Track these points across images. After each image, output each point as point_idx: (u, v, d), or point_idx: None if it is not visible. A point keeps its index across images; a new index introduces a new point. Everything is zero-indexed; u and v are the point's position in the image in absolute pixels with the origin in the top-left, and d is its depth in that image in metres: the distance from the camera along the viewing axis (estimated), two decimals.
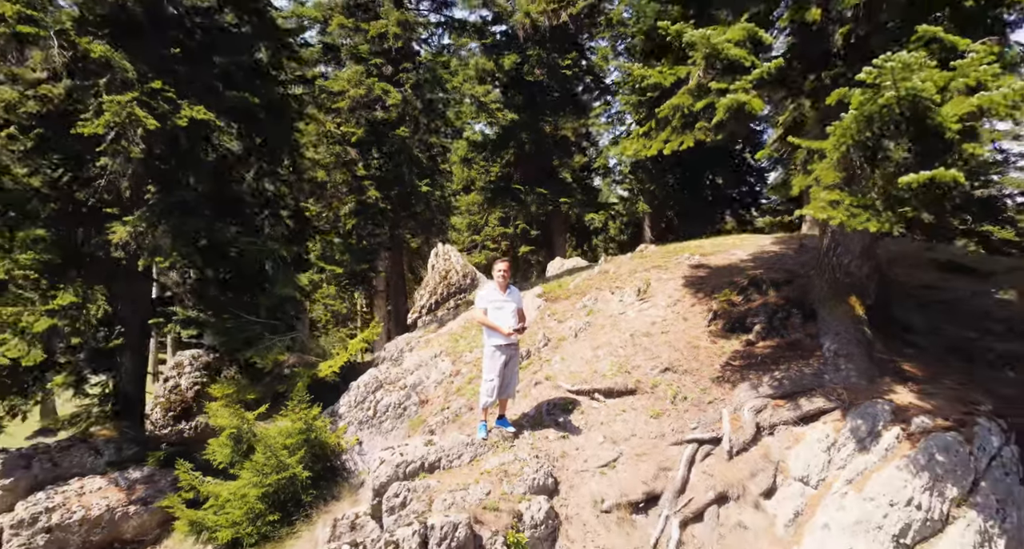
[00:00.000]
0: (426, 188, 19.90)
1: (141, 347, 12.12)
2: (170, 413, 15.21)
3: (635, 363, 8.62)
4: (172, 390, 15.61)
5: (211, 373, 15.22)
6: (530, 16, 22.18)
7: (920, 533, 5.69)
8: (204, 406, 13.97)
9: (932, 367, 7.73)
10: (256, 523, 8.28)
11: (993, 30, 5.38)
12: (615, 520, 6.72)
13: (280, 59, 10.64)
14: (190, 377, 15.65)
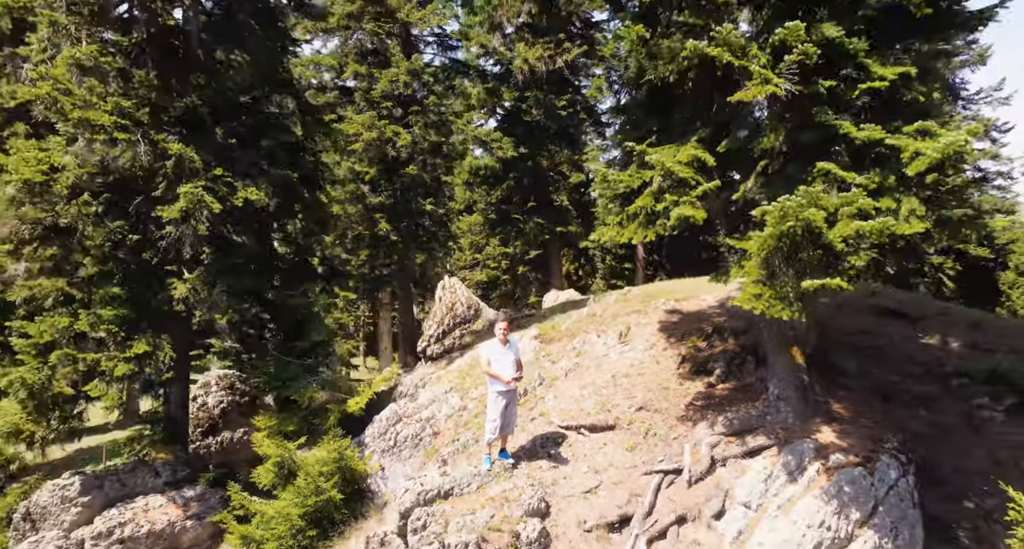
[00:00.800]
0: (430, 207, 21.55)
1: (185, 377, 13.63)
2: (199, 429, 16.65)
3: (615, 402, 10.13)
4: (200, 408, 17.05)
5: (235, 393, 16.68)
6: (528, 62, 23.67)
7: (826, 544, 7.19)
8: (230, 422, 15.49)
9: (857, 407, 9.22)
10: (297, 537, 9.77)
11: (879, 161, 6.86)
12: (595, 538, 8.21)
13: (313, 134, 12.16)
14: (216, 396, 17.10)
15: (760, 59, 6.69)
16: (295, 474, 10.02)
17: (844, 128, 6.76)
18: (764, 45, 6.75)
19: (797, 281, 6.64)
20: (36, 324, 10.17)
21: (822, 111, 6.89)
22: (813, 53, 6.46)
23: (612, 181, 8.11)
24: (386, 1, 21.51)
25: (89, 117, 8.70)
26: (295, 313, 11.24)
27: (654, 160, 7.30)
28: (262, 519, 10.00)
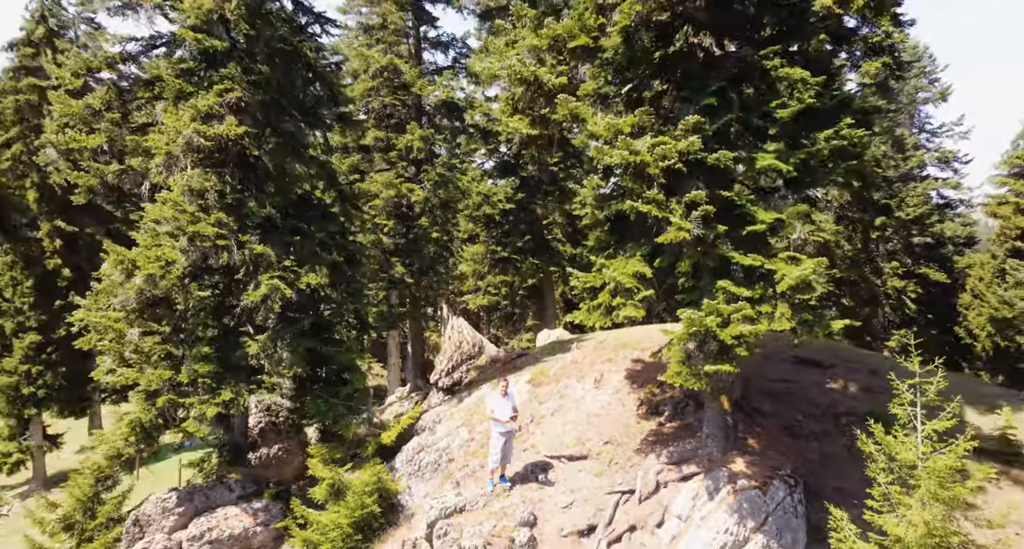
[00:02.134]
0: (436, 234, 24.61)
1: (246, 409, 16.39)
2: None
3: (588, 436, 12.93)
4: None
5: (271, 414, 19.39)
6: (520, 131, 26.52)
7: (733, 547, 9.97)
8: (267, 440, 18.21)
9: (766, 442, 12.01)
10: (346, 541, 12.51)
11: (761, 279, 9.66)
12: (570, 542, 10.98)
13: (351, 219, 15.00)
14: (255, 417, 19.82)
15: (677, 211, 9.54)
16: (343, 492, 12.78)
17: (736, 257, 9.61)
18: (680, 202, 9.58)
19: (703, 363, 9.48)
20: (146, 375, 13.00)
21: (721, 243, 9.74)
22: (711, 210, 9.32)
23: (581, 280, 10.96)
24: (402, 77, 24.39)
25: (199, 230, 11.56)
26: (339, 364, 14.07)
27: (607, 276, 10.16)
28: (318, 526, 12.76)
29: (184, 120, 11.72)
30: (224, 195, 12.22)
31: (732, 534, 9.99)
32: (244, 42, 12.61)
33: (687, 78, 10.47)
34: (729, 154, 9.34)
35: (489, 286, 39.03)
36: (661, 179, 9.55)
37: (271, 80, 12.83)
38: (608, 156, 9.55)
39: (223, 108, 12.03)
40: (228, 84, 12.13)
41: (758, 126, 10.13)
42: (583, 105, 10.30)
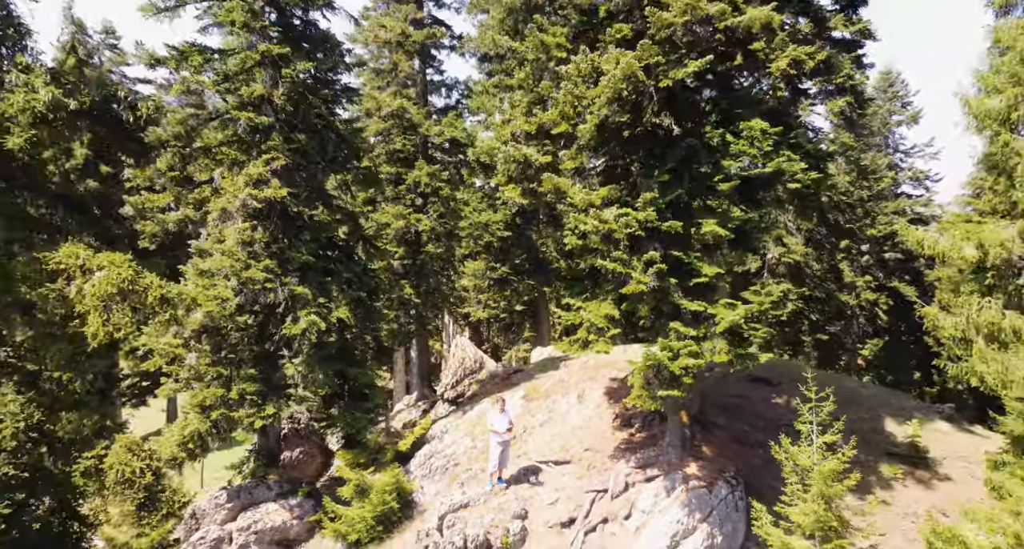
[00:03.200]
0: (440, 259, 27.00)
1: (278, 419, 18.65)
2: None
3: (571, 445, 15.22)
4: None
5: (294, 422, 21.65)
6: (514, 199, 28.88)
7: (683, 535, 12.21)
8: (290, 444, 20.45)
9: (718, 449, 14.31)
10: (370, 531, 14.76)
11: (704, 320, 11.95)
12: (555, 532, 13.25)
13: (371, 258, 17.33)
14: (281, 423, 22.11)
15: (637, 267, 11.85)
16: (367, 491, 15.04)
17: (684, 304, 11.92)
18: (640, 260, 11.88)
19: (658, 389, 11.79)
20: (200, 393, 15.27)
21: (673, 292, 12.05)
22: (663, 267, 11.63)
23: (563, 319, 13.26)
24: (411, 119, 26.71)
25: (251, 275, 13.89)
26: (362, 382, 16.38)
27: (583, 316, 12.47)
28: (347, 520, 15.01)
29: (239, 185, 14.05)
30: (269, 245, 14.54)
31: (683, 524, 12.28)
32: (286, 117, 14.96)
33: (649, 156, 12.80)
34: (677, 224, 11.65)
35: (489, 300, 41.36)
36: (625, 241, 11.86)
37: (307, 148, 15.17)
38: (583, 223, 11.87)
39: (269, 174, 14.36)
40: (273, 153, 14.46)
41: (704, 198, 12.47)
42: (564, 180, 12.64)
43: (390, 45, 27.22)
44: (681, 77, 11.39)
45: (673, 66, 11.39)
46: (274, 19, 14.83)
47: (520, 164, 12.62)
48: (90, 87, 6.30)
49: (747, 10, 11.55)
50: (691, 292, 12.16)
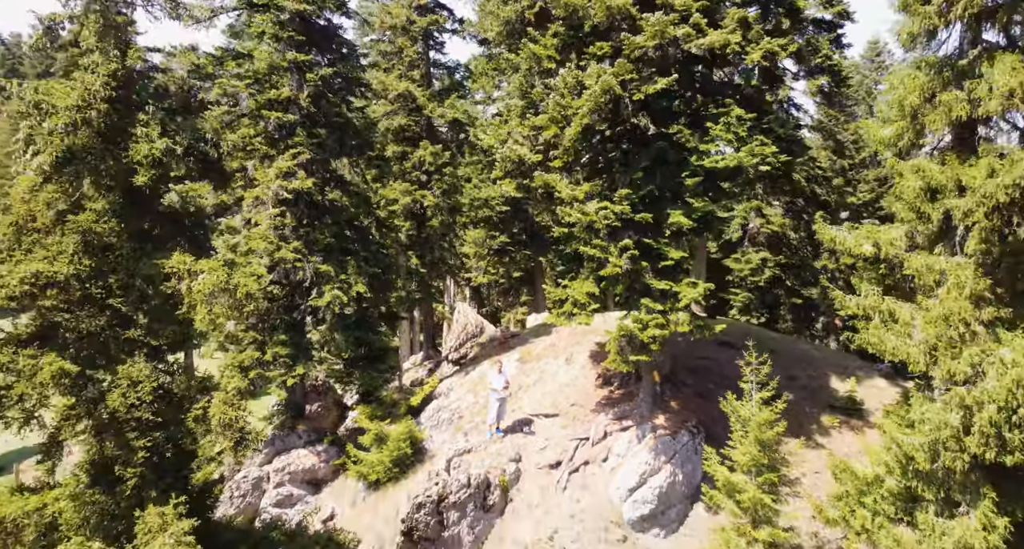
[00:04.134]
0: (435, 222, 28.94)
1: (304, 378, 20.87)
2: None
3: (559, 400, 17.42)
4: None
5: (312, 380, 23.93)
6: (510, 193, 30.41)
7: (649, 473, 14.48)
8: (309, 399, 22.74)
9: (684, 404, 16.50)
10: (387, 472, 17.10)
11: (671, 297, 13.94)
12: (544, 472, 15.54)
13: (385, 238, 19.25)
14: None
15: (614, 253, 13.78)
16: (384, 439, 17.31)
17: (653, 283, 13.91)
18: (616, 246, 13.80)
19: (630, 354, 13.88)
20: (237, 355, 17.39)
21: (644, 274, 14.02)
22: (636, 253, 13.58)
23: (552, 294, 15.29)
24: (416, 101, 28.21)
25: (282, 255, 15.85)
26: (378, 347, 18.52)
27: (568, 293, 14.49)
28: (367, 463, 17.32)
29: (270, 176, 15.89)
30: (297, 228, 16.46)
31: (650, 465, 14.54)
32: (309, 115, 16.69)
33: (625, 155, 14.63)
34: (648, 215, 13.57)
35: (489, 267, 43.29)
36: (604, 230, 13.79)
37: (328, 141, 16.95)
38: (569, 215, 13.78)
39: (296, 167, 16.18)
40: (299, 148, 16.26)
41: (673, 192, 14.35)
42: (553, 176, 14.47)
43: (395, 30, 28.54)
44: (652, 91, 13.11)
45: (645, 82, 13.12)
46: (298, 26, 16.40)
47: (515, 162, 14.41)
48: (186, 133, 7.63)
49: (709, 32, 13.21)
50: (660, 273, 14.12)
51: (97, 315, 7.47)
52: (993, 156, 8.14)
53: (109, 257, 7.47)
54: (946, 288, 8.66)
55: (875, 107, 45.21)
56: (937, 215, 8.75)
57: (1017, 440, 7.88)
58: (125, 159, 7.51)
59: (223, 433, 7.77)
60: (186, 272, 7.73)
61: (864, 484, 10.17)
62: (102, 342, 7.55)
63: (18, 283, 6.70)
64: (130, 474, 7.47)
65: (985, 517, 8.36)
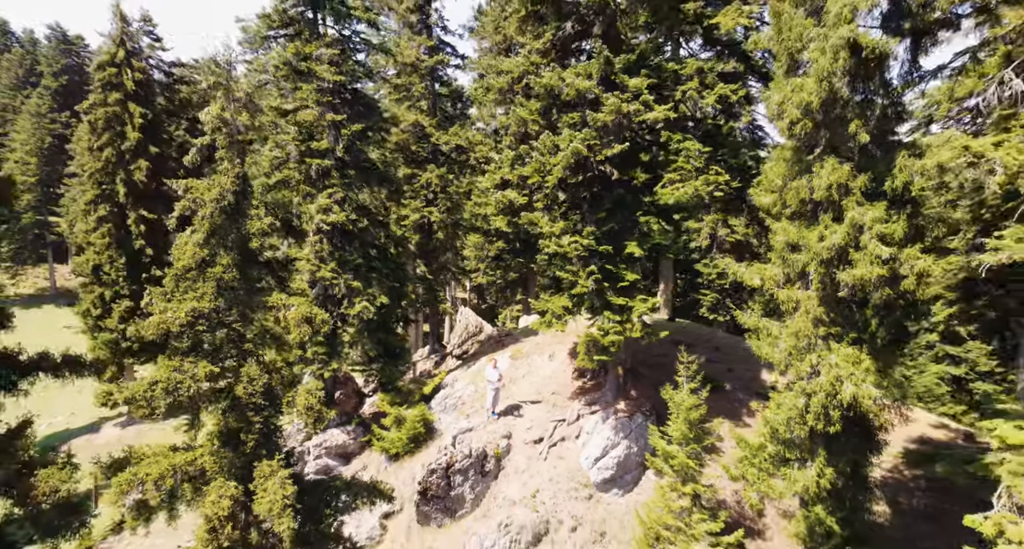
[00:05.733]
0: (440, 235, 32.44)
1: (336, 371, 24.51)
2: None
3: (543, 389, 21.08)
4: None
5: (337, 372, 27.58)
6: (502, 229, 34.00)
7: (610, 447, 18.17)
8: (337, 387, 26.42)
9: (641, 392, 20.17)
10: (405, 447, 20.80)
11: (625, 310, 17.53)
12: (529, 446, 19.23)
13: (401, 256, 22.84)
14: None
15: (583, 276, 17.36)
16: (403, 421, 21.00)
17: (614, 300, 17.51)
18: (584, 271, 17.37)
19: (595, 355, 17.53)
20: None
21: (607, 292, 17.61)
22: (599, 276, 17.17)
23: (536, 306, 18.92)
24: (424, 130, 31.74)
25: (322, 274, 19.46)
26: (395, 346, 22.19)
27: (548, 306, 18.10)
28: (389, 440, 21.01)
29: (312, 211, 19.48)
30: (332, 252, 20.08)
31: (611, 440, 18.22)
32: (342, 161, 20.26)
33: (593, 198, 18.20)
34: (609, 247, 17.17)
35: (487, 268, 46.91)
36: (575, 259, 17.40)
37: (356, 181, 20.54)
38: (548, 247, 17.38)
39: (332, 203, 19.77)
40: (335, 188, 19.85)
41: (630, 227, 17.92)
42: (537, 214, 18.05)
43: (407, 68, 32.05)
44: (611, 154, 16.66)
45: (606, 147, 16.68)
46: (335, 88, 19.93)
47: (506, 205, 18.00)
48: (280, 209, 10.47)
49: (656, 108, 16.72)
50: (618, 291, 17.71)
51: (227, 334, 11.04)
52: (823, 226, 11.73)
53: (233, 296, 11.05)
54: (799, 313, 12.30)
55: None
56: (794, 262, 12.38)
57: (836, 416, 11.53)
58: (244, 230, 11.08)
59: (306, 414, 11.37)
60: (282, 305, 11.33)
61: (753, 450, 13.85)
62: (229, 352, 11.13)
63: (184, 316, 10.27)
64: (249, 439, 11.12)
65: (819, 468, 12.05)
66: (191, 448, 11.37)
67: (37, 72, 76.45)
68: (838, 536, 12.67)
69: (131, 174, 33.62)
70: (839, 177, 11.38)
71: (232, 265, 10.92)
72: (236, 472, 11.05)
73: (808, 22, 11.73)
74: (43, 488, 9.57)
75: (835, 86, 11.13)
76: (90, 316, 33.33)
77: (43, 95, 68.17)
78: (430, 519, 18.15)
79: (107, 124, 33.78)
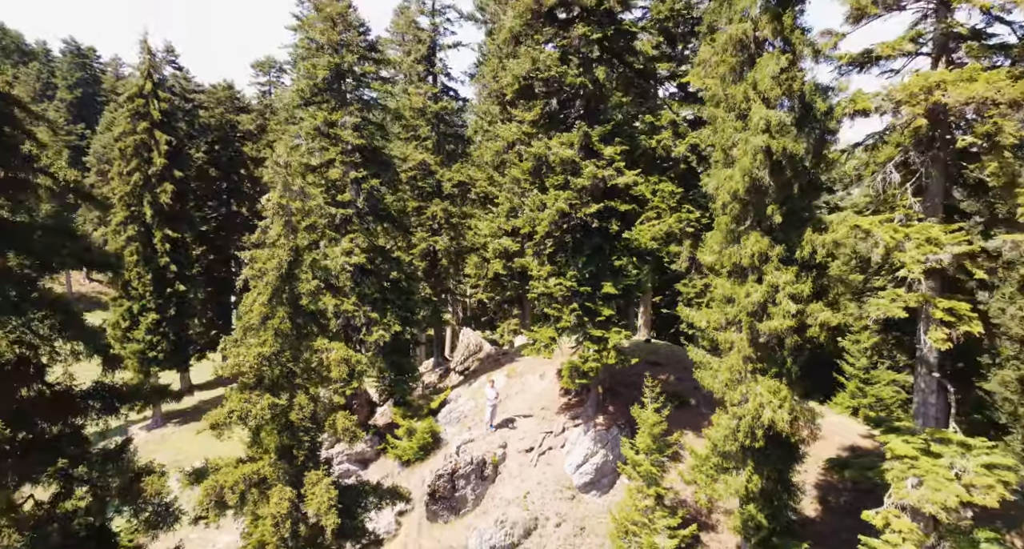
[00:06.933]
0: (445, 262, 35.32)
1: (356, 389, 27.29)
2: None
3: (534, 405, 23.89)
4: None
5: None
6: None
7: (590, 455, 20.97)
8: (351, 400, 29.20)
9: (618, 408, 22.97)
10: (416, 454, 23.59)
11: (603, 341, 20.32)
12: (522, 454, 22.03)
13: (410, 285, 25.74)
14: None
15: (566, 312, 20.18)
16: (414, 432, 23.79)
17: (592, 332, 20.33)
18: (568, 308, 20.19)
19: (577, 378, 20.35)
20: None
21: (587, 325, 20.43)
22: (580, 312, 19.99)
23: (527, 336, 21.75)
24: (429, 167, 34.63)
25: (345, 308, 22.29)
26: (407, 367, 24.99)
27: (537, 336, 20.92)
28: (402, 448, 23.80)
29: (336, 253, 22.34)
30: (353, 288, 22.92)
31: (590, 449, 21.03)
32: (361, 209, 23.13)
33: (575, 245, 21.04)
34: (588, 288, 20.02)
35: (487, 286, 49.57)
36: (559, 298, 20.23)
37: (374, 227, 23.39)
38: (537, 289, 20.22)
39: (355, 247, 22.62)
40: (356, 233, 22.71)
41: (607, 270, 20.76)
42: (528, 259, 20.89)
43: (414, 113, 34.97)
44: (589, 212, 19.50)
45: (584, 205, 19.54)
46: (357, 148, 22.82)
47: (502, 252, 20.85)
48: (322, 272, 13.07)
49: (626, 173, 19.57)
50: (597, 324, 20.55)
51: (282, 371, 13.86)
52: (750, 284, 14.59)
53: (286, 341, 13.87)
54: (733, 351, 15.14)
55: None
56: (728, 312, 15.24)
57: (759, 434, 14.36)
58: (295, 290, 13.92)
59: (343, 434, 14.19)
60: (324, 349, 14.17)
61: (702, 459, 16.67)
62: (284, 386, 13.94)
63: (252, 360, 13.08)
64: (299, 454, 13.94)
65: (748, 475, 14.88)
66: (254, 460, 14.17)
67: (53, 86, 78.58)
68: (766, 529, 15.49)
69: (157, 197, 35.91)
70: (760, 247, 14.25)
71: (287, 317, 13.75)
72: (290, 479, 13.85)
73: (738, 124, 14.64)
74: (150, 491, 12.37)
75: (756, 176, 14.01)
76: (119, 328, 35.32)
77: (59, 108, 70.35)
78: (438, 516, 20.95)
79: (135, 151, 36.14)
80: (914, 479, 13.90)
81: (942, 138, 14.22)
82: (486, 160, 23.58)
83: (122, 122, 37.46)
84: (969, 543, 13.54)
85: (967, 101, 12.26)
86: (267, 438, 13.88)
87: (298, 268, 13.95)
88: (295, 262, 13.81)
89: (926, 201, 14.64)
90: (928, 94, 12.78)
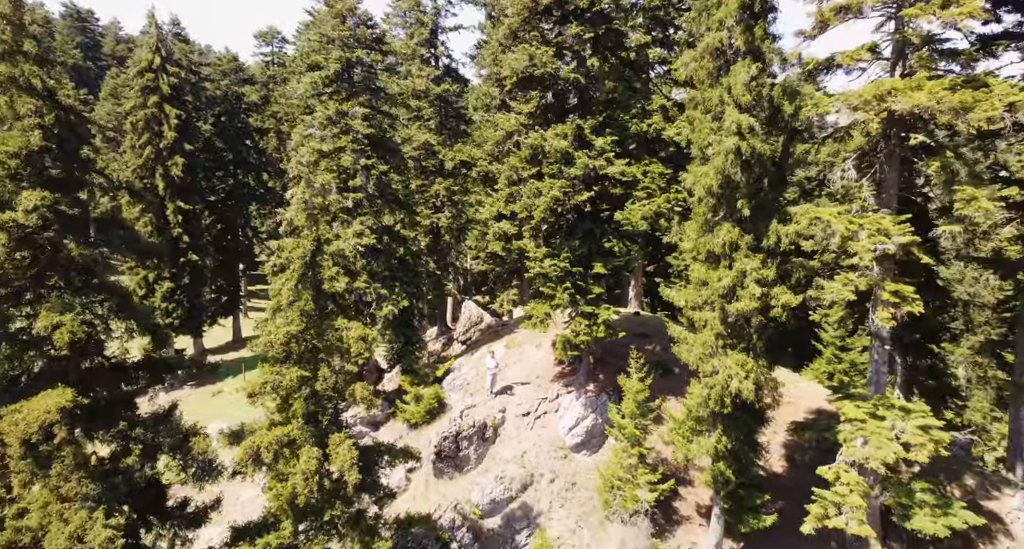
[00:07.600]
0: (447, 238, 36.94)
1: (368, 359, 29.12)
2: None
3: (531, 373, 25.71)
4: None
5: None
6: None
7: (581, 418, 22.86)
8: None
9: (607, 376, 24.78)
10: (422, 418, 25.54)
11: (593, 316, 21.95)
12: (520, 418, 23.93)
13: (419, 265, 27.28)
14: None
15: (560, 291, 21.78)
16: (421, 398, 25.67)
17: (584, 308, 21.98)
18: (562, 286, 21.80)
19: (569, 350, 22.09)
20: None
21: (579, 302, 22.06)
22: (573, 290, 21.60)
23: (525, 311, 23.43)
24: (432, 147, 35.84)
25: (357, 285, 23.90)
26: (415, 338, 26.74)
27: (533, 311, 22.59)
28: (410, 412, 25.70)
29: (348, 234, 23.85)
30: (365, 267, 24.50)
31: (581, 414, 22.92)
32: (371, 194, 24.53)
33: (568, 228, 22.53)
34: (580, 268, 21.59)
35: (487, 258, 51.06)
36: (554, 277, 21.82)
37: (383, 209, 24.83)
38: (533, 269, 21.79)
39: (365, 229, 24.11)
40: (366, 216, 24.17)
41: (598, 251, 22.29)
42: (525, 241, 22.40)
43: (418, 95, 35.99)
44: (580, 200, 20.93)
45: (577, 193, 20.96)
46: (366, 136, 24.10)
47: (500, 235, 22.35)
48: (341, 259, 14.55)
49: (616, 163, 20.93)
50: (588, 301, 22.19)
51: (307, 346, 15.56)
52: (722, 269, 16.15)
53: (310, 320, 15.52)
54: (707, 328, 16.81)
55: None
56: (703, 293, 16.85)
57: (728, 402, 16.12)
58: (318, 275, 15.51)
59: (362, 402, 15.94)
60: (344, 328, 15.83)
61: (679, 423, 18.50)
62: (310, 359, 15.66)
63: (282, 337, 14.75)
64: (324, 419, 15.74)
65: (718, 437, 16.72)
66: (284, 424, 15.97)
67: (52, 49, 78.68)
68: (734, 483, 17.40)
69: (168, 170, 37.01)
70: (731, 237, 15.77)
71: (311, 299, 15.38)
72: (316, 441, 15.67)
73: (714, 125, 16.00)
74: (197, 449, 14.20)
75: (728, 173, 15.44)
76: (136, 295, 36.79)
77: (60, 74, 70.83)
78: (443, 473, 22.97)
79: (146, 125, 37.07)
80: (861, 439, 15.73)
81: (897, 136, 15.62)
82: (487, 150, 24.86)
83: (132, 97, 38.07)
84: (906, 493, 15.42)
85: (913, 109, 13.62)
86: (296, 405, 15.62)
87: (320, 255, 15.50)
88: (317, 250, 15.35)
89: (881, 193, 16.11)
90: (880, 101, 14.12)
